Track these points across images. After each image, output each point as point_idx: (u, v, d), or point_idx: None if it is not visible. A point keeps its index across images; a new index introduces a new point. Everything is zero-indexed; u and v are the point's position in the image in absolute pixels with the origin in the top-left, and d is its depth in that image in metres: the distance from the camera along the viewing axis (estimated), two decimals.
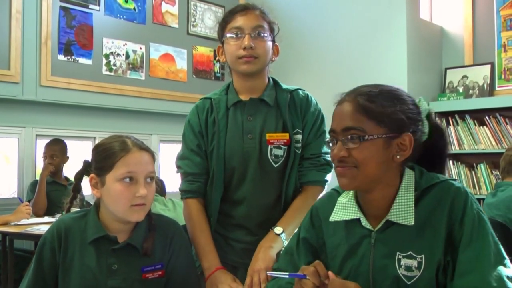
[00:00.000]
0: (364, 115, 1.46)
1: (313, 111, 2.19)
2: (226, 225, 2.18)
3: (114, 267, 1.83)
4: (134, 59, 5.73)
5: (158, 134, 5.93)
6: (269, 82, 2.21)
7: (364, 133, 1.44)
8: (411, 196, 1.48)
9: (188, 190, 2.17)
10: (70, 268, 1.83)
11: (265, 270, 1.93)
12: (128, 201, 1.80)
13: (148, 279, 1.86)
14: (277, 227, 2.05)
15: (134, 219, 1.84)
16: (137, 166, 1.83)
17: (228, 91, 2.20)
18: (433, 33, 5.51)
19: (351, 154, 1.46)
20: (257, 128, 2.13)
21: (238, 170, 2.14)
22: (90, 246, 1.84)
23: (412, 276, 1.43)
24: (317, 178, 2.17)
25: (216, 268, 2.01)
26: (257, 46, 2.07)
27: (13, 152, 5.10)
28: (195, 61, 6.26)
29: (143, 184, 1.82)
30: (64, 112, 5.26)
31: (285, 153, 2.13)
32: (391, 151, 1.46)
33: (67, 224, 1.88)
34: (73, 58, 5.27)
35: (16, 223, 4.06)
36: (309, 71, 5.68)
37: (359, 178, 1.47)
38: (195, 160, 2.17)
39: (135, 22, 5.76)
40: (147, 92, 5.77)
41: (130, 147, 1.84)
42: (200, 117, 2.18)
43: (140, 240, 1.87)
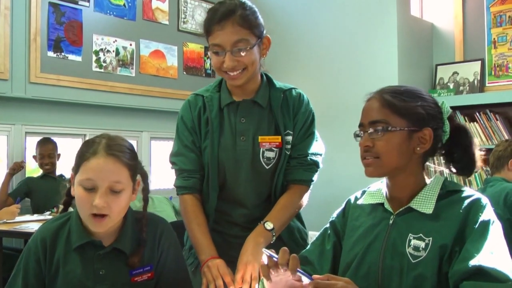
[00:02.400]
0: (389, 109, 1.61)
1: (304, 111, 2.18)
2: (223, 222, 2.18)
3: (101, 272, 1.77)
4: (124, 56, 5.70)
5: (148, 131, 5.91)
6: (263, 80, 2.18)
7: (387, 124, 1.59)
8: (436, 192, 1.61)
9: (183, 186, 2.16)
10: (56, 277, 1.77)
11: (257, 266, 1.91)
12: (87, 209, 1.70)
13: (137, 282, 1.81)
14: (267, 222, 2.04)
15: (94, 229, 1.75)
16: (98, 173, 1.69)
17: (221, 89, 2.18)
18: (424, 30, 5.50)
19: (375, 145, 1.61)
20: (250, 130, 2.12)
21: (230, 171, 2.13)
22: (74, 253, 1.77)
23: (418, 256, 1.53)
24: (303, 177, 2.17)
25: (212, 257, 1.99)
26: (240, 60, 2.00)
27: (3, 149, 5.08)
28: (185, 57, 6.24)
29: (103, 194, 1.68)
30: (53, 109, 5.24)
31: (276, 155, 2.12)
32: (412, 144, 1.61)
33: (50, 232, 1.80)
34: (62, 55, 5.24)
35: (4, 221, 4.04)
36: (300, 67, 5.66)
37: (383, 167, 1.62)
38: (189, 156, 2.16)
39: (125, 18, 5.73)
40: (137, 89, 5.75)
41: (97, 151, 1.71)
42: (192, 113, 2.16)
43: (127, 244, 1.81)
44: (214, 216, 2.16)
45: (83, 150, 1.75)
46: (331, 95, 5.23)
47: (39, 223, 3.93)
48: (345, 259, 1.72)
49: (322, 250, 1.81)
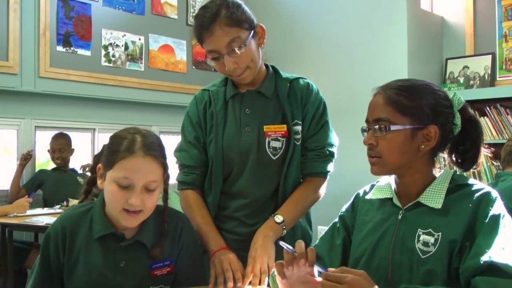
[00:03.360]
0: (392, 107, 1.58)
1: (313, 100, 2.15)
2: (219, 216, 2.17)
3: (122, 264, 1.78)
4: (133, 50, 5.70)
5: (158, 126, 5.90)
6: (269, 71, 2.17)
7: (390, 123, 1.57)
8: (445, 186, 1.59)
9: (184, 182, 2.16)
10: (75, 265, 1.78)
11: (266, 260, 1.91)
12: (120, 205, 1.71)
13: (156, 276, 1.82)
14: (277, 215, 2.03)
15: (125, 224, 1.76)
16: (136, 173, 1.69)
17: (227, 83, 2.17)
18: (434, 23, 5.47)
19: (379, 143, 1.59)
20: (255, 121, 2.11)
21: (236, 163, 2.12)
22: (96, 243, 1.78)
23: (427, 251, 1.52)
24: (321, 169, 2.15)
25: (221, 248, 2.00)
26: (240, 60, 1.98)
27: (13, 143, 5.10)
28: (194, 52, 6.23)
29: (139, 192, 1.70)
30: (63, 103, 5.25)
31: (283, 145, 2.10)
32: (417, 141, 1.58)
33: (71, 220, 1.82)
34: (71, 49, 5.25)
35: (15, 214, 4.05)
36: (309, 61, 5.64)
37: (387, 166, 1.61)
38: (192, 152, 2.16)
39: (134, 13, 5.73)
40: (146, 84, 5.75)
41: (134, 150, 1.70)
42: (198, 108, 2.17)
43: (148, 236, 1.82)
44: (215, 211, 2.15)
45: (116, 147, 1.73)
46: (340, 89, 5.21)
47: (49, 217, 3.95)
48: (354, 253, 1.71)
49: (332, 245, 1.80)
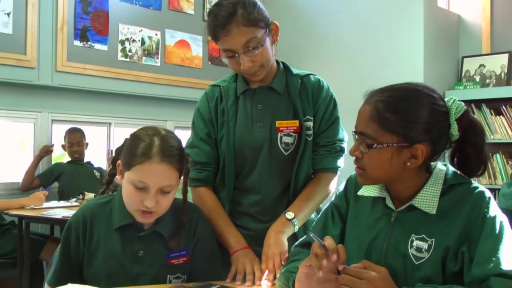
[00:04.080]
0: (377, 123, 1.49)
1: (324, 96, 2.15)
2: (232, 212, 2.18)
3: (140, 253, 1.83)
4: (149, 45, 5.73)
5: (173, 120, 5.94)
6: (279, 67, 2.17)
7: (373, 141, 1.49)
8: (438, 188, 1.54)
9: (197, 179, 2.16)
10: (95, 254, 1.84)
11: (279, 255, 1.93)
12: (135, 205, 1.77)
13: (173, 265, 1.87)
14: (288, 212, 2.05)
15: (140, 221, 1.82)
16: (152, 178, 1.73)
17: (237, 79, 2.17)
18: (451, 21, 5.45)
19: (363, 156, 1.53)
20: (266, 116, 2.11)
21: (248, 159, 2.13)
22: (115, 233, 1.84)
23: (421, 257, 1.50)
24: (331, 165, 2.16)
25: (244, 247, 2.02)
26: (255, 59, 1.98)
27: (29, 136, 5.14)
28: (210, 47, 6.24)
29: (153, 195, 1.74)
30: (79, 97, 5.29)
31: (295, 140, 2.11)
32: (403, 158, 1.50)
33: (92, 210, 1.88)
34: (89, 44, 5.29)
35: (32, 207, 4.10)
36: (323, 58, 5.64)
37: (371, 179, 1.57)
38: (204, 148, 2.16)
39: (151, 8, 5.75)
40: (162, 79, 5.77)
41: (151, 155, 1.73)
42: (209, 104, 2.17)
43: (166, 227, 1.87)
44: (228, 207, 2.17)
45: (134, 149, 1.76)
46: (354, 87, 5.15)
47: (65, 210, 3.99)
48: (348, 249, 1.58)
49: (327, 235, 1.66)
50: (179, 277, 1.89)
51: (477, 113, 5.06)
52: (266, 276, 1.91)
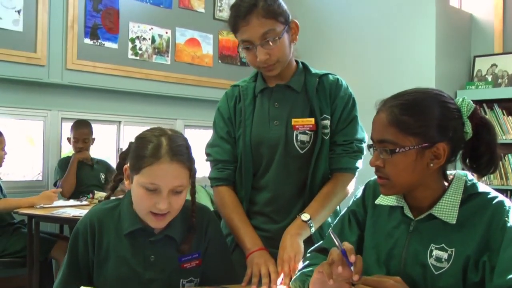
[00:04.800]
0: (396, 127, 1.49)
1: (343, 95, 2.14)
2: (249, 211, 2.17)
3: (151, 258, 1.80)
4: (160, 44, 5.72)
5: (183, 119, 5.93)
6: (298, 66, 2.18)
7: (395, 145, 1.48)
8: (458, 197, 1.52)
9: (218, 178, 2.17)
10: (105, 261, 1.81)
11: (294, 258, 1.91)
12: (147, 207, 1.73)
13: (186, 269, 1.84)
14: (304, 213, 2.03)
15: (152, 225, 1.78)
16: (163, 179, 1.70)
17: (257, 79, 2.19)
18: (462, 20, 5.41)
19: (385, 165, 1.51)
20: (283, 114, 2.11)
21: (264, 157, 2.13)
22: (125, 238, 1.81)
23: (440, 267, 1.48)
24: (349, 165, 2.14)
25: (260, 248, 2.01)
26: (272, 53, 2.00)
27: (39, 134, 5.14)
28: (221, 46, 6.24)
29: (166, 197, 1.71)
30: (89, 95, 5.29)
31: (311, 138, 2.10)
32: (425, 160, 1.49)
33: (100, 215, 1.84)
34: (99, 42, 5.29)
35: (42, 205, 4.10)
36: (336, 57, 5.61)
37: (395, 187, 1.54)
38: (225, 147, 2.17)
39: (161, 6, 5.74)
40: (172, 77, 5.77)
41: (160, 155, 1.70)
42: (229, 104, 2.19)
43: (177, 231, 1.84)
44: (246, 207, 2.16)
45: (142, 151, 1.73)
46: (367, 86, 5.15)
47: (75, 209, 3.98)
48: (366, 257, 1.63)
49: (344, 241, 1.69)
50: (192, 280, 1.87)
51: (489, 113, 5.02)
52: (281, 279, 1.89)
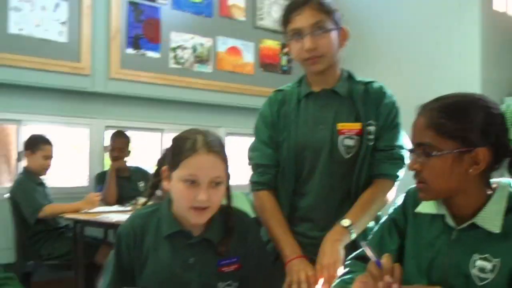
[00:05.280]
0: (434, 130, 1.45)
1: (387, 102, 2.12)
2: (292, 217, 2.14)
3: (190, 260, 1.81)
4: (201, 52, 5.77)
5: (225, 127, 5.95)
6: (343, 74, 2.17)
7: (432, 149, 1.44)
8: (503, 206, 1.46)
9: (259, 182, 2.15)
10: (145, 263, 1.83)
11: (333, 265, 1.88)
12: (188, 202, 1.76)
13: (224, 272, 1.84)
14: (344, 219, 1.99)
15: (194, 221, 1.79)
16: (201, 170, 1.75)
17: (301, 84, 2.19)
18: (509, 25, 5.31)
19: (423, 169, 1.47)
20: (328, 119, 2.09)
21: (308, 162, 2.10)
22: (165, 241, 1.83)
23: (484, 278, 1.42)
24: (389, 171, 2.09)
25: (298, 256, 1.99)
26: (319, 44, 2.02)
27: (84, 142, 5.23)
28: (262, 54, 6.25)
29: (205, 189, 1.74)
30: (132, 104, 5.36)
31: (356, 144, 2.07)
32: (464, 165, 1.44)
33: (140, 220, 1.87)
34: (141, 52, 5.35)
35: (86, 211, 4.16)
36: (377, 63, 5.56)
37: (433, 192, 1.50)
38: (266, 151, 2.16)
39: (202, 15, 5.79)
40: (214, 85, 5.80)
41: (197, 148, 1.76)
42: (272, 109, 2.18)
43: (215, 234, 1.85)
44: (287, 212, 2.14)
45: (179, 148, 1.79)
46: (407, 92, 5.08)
47: (118, 214, 4.02)
48: (407, 267, 1.59)
49: (383, 250, 1.64)
50: (231, 284, 1.86)
51: None
52: (321, 286, 1.87)
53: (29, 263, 4.13)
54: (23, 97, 4.77)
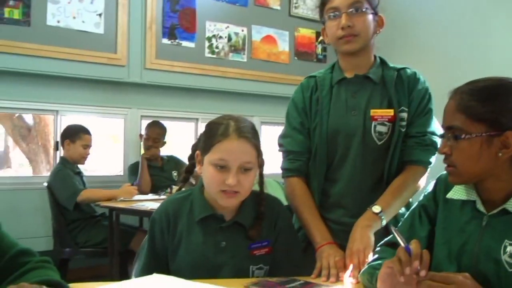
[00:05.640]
0: (464, 113, 1.45)
1: (420, 88, 2.10)
2: (323, 204, 2.14)
3: (222, 244, 1.84)
4: (236, 42, 5.78)
5: (259, 116, 5.95)
6: (376, 60, 2.16)
7: (462, 132, 1.44)
8: None
9: (290, 169, 2.16)
10: (178, 247, 1.87)
11: (363, 251, 1.88)
12: (217, 186, 1.79)
13: (255, 256, 1.86)
14: (375, 205, 1.98)
15: (224, 204, 1.82)
16: (231, 154, 1.78)
17: (334, 70, 2.18)
18: None
19: (452, 152, 1.47)
20: (361, 105, 2.08)
21: (341, 148, 2.10)
22: (197, 225, 1.86)
23: None
24: (420, 157, 2.07)
25: (328, 242, 1.99)
26: (355, 23, 2.03)
27: (120, 131, 5.31)
28: (297, 43, 6.23)
29: (235, 173, 1.77)
30: (167, 93, 5.42)
31: (389, 130, 2.06)
32: (494, 149, 1.43)
33: (173, 205, 1.91)
34: (176, 42, 5.40)
35: (122, 199, 4.22)
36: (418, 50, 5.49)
37: (462, 176, 1.49)
38: (297, 138, 2.16)
39: (237, 4, 5.80)
40: (249, 74, 5.82)
41: (229, 133, 1.80)
42: (304, 95, 2.18)
43: (247, 218, 1.88)
44: (319, 199, 2.14)
45: (212, 132, 1.83)
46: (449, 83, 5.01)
47: (153, 202, 4.06)
48: (437, 252, 1.60)
49: (414, 236, 1.62)
50: (262, 267, 1.88)
51: None
52: (350, 272, 1.86)
53: (66, 250, 4.21)
54: (61, 88, 4.86)
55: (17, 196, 4.66)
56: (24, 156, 5.88)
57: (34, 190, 4.67)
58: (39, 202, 4.61)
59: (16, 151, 5.97)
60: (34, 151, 5.79)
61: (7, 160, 6.08)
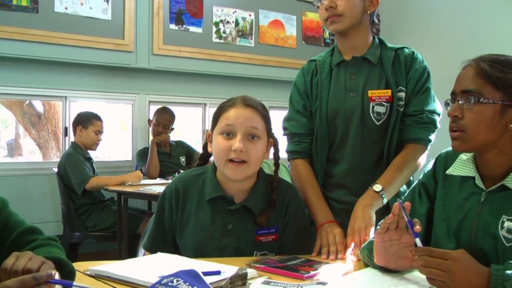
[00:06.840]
0: (484, 79, 1.46)
1: (417, 67, 2.12)
2: (326, 184, 2.17)
3: (229, 226, 1.86)
4: (243, 26, 5.78)
5: (267, 100, 5.92)
6: (374, 41, 2.18)
7: (480, 95, 1.45)
8: None
9: (295, 151, 2.19)
10: (186, 224, 1.89)
11: (364, 229, 1.89)
12: (224, 154, 1.80)
13: (261, 242, 1.88)
14: (376, 184, 2.00)
15: (230, 175, 1.83)
16: (236, 120, 1.81)
17: (333, 53, 2.20)
18: None
19: (464, 116, 1.47)
20: (359, 86, 2.11)
21: (340, 129, 2.12)
22: (206, 204, 1.88)
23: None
24: (419, 135, 2.09)
25: (330, 221, 2.01)
26: (338, 3, 2.05)
27: (128, 117, 5.34)
28: (304, 27, 6.22)
29: (241, 139, 1.79)
30: (175, 79, 5.43)
31: (387, 110, 2.08)
32: (505, 119, 1.45)
33: (185, 181, 1.94)
34: (183, 27, 5.40)
35: (130, 183, 4.25)
36: (418, 34, 5.46)
37: (469, 141, 1.48)
38: (301, 120, 2.18)
39: None
40: (256, 59, 5.83)
41: (235, 103, 1.85)
42: (305, 78, 2.21)
43: (256, 203, 1.89)
44: (322, 179, 2.16)
45: (220, 107, 1.89)
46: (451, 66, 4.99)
47: (162, 186, 4.09)
48: (436, 229, 1.62)
49: (413, 213, 1.66)
50: (266, 254, 1.88)
51: None
52: (352, 250, 1.88)
53: (76, 234, 4.26)
54: (69, 74, 4.89)
55: (28, 181, 4.71)
56: (34, 143, 5.92)
57: (44, 175, 4.73)
58: (48, 187, 4.68)
59: (27, 139, 6.01)
60: (44, 137, 5.83)
61: (19, 148, 6.12)
